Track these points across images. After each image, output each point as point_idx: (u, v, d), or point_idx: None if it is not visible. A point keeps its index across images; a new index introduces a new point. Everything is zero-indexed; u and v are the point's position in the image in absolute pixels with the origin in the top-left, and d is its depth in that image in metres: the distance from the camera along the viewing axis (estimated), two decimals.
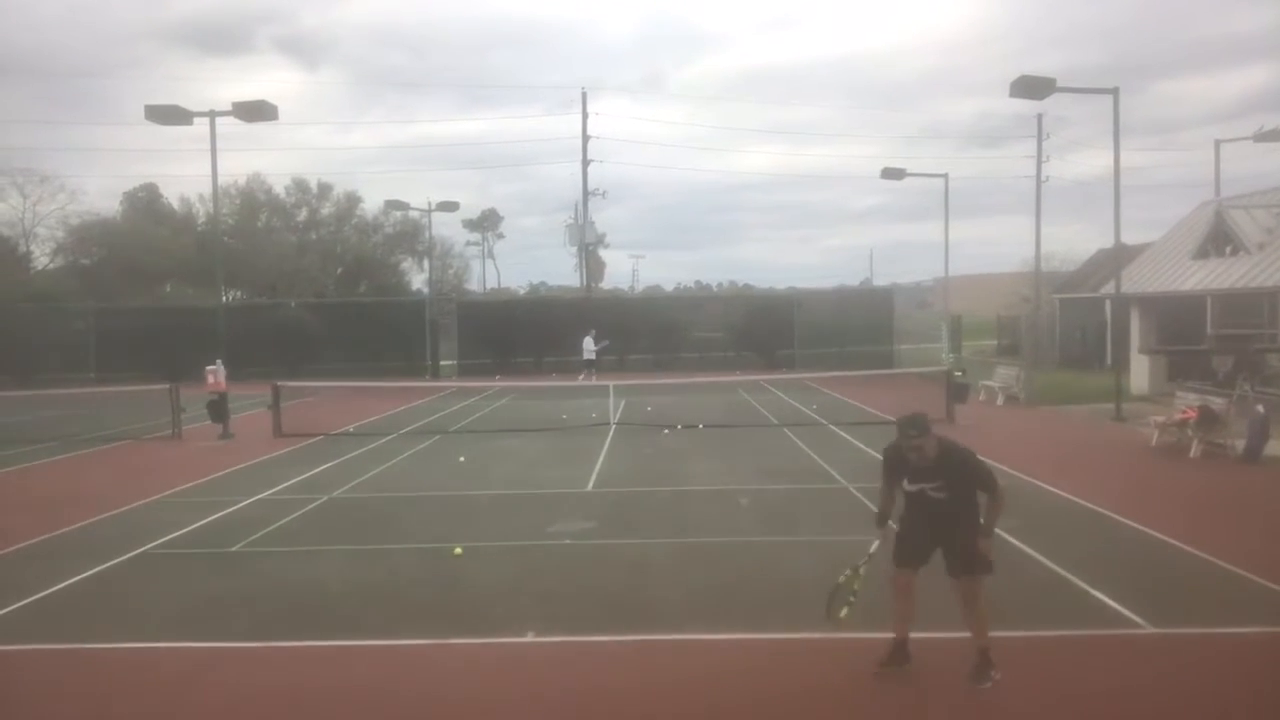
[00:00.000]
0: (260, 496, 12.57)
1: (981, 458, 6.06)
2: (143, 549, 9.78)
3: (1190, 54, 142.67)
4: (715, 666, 6.39)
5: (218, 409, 18.88)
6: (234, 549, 9.81)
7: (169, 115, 20.08)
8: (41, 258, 51.85)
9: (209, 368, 19.05)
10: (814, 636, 6.86)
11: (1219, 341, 23.78)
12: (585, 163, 46.80)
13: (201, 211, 53.15)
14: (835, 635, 6.84)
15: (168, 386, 19.80)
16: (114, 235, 49.05)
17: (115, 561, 9.30)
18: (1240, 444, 14.32)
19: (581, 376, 30.45)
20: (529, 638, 7.01)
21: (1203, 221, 25.71)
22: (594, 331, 32.91)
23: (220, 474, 14.51)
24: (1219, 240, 24.37)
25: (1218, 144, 34.44)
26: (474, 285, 78.82)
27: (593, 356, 32.39)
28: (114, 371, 32.83)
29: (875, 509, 6.41)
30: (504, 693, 5.98)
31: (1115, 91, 19.49)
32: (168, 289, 51.17)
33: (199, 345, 26.98)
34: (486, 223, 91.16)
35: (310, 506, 11.92)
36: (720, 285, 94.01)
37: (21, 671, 6.64)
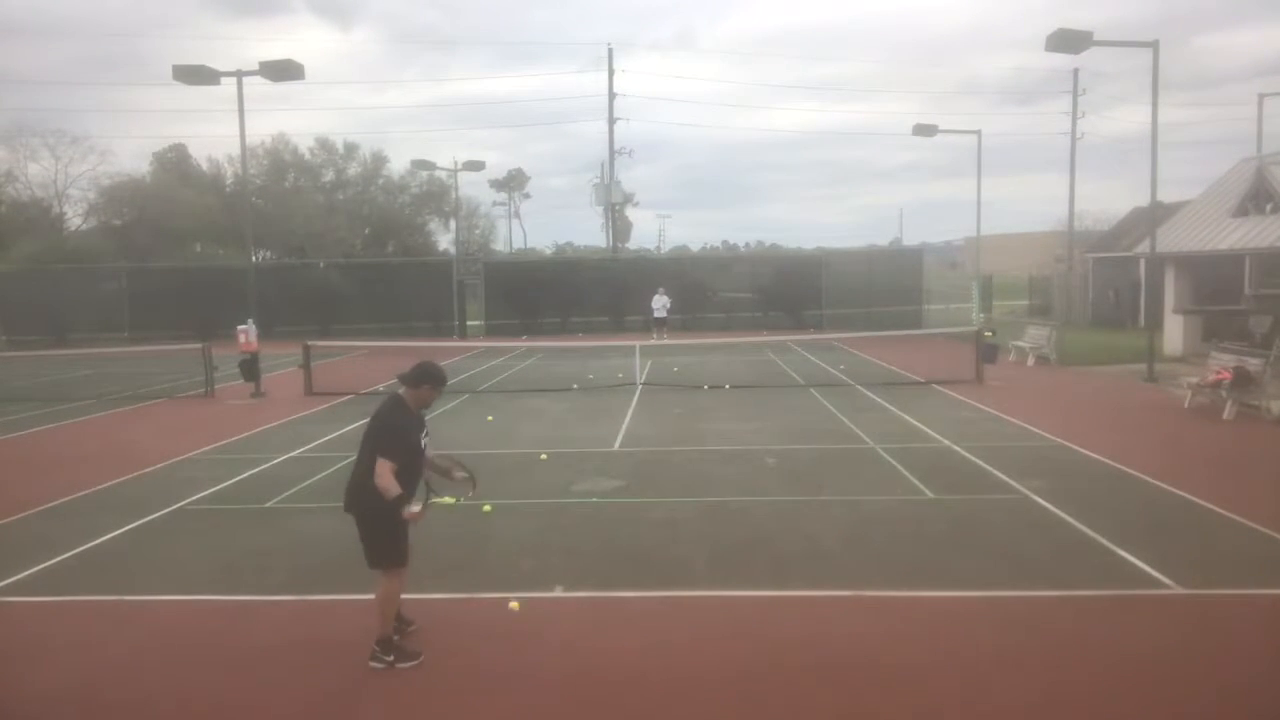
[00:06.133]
0: (292, 454, 12.76)
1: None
2: (179, 505, 9.98)
3: (1234, 6, 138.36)
4: (739, 622, 6.46)
5: (249, 368, 19.11)
6: (268, 505, 10.00)
7: (196, 75, 20.05)
8: (74, 219, 52.46)
9: (240, 327, 19.25)
10: (839, 594, 6.92)
11: (1257, 301, 23.32)
12: (611, 120, 46.47)
13: (229, 172, 53.46)
14: (860, 593, 6.89)
15: (200, 346, 20.09)
16: (144, 196, 49.43)
17: (153, 517, 9.51)
18: (1276, 405, 14.10)
19: (655, 335, 30.13)
20: (557, 593, 7.11)
21: (1243, 178, 25.08)
22: (661, 289, 32.86)
23: (253, 432, 14.73)
24: (1259, 198, 23.78)
25: (1261, 98, 33.61)
26: (500, 245, 78.93)
27: (664, 314, 32.29)
28: (147, 331, 33.34)
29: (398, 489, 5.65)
30: (531, 646, 6.08)
31: (1155, 45, 18.96)
32: (198, 249, 51.61)
33: (230, 305, 27.31)
34: (513, 182, 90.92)
35: (341, 464, 12.03)
36: (747, 245, 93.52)
37: (63, 622, 6.83)
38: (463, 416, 16.13)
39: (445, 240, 60.11)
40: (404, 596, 7.08)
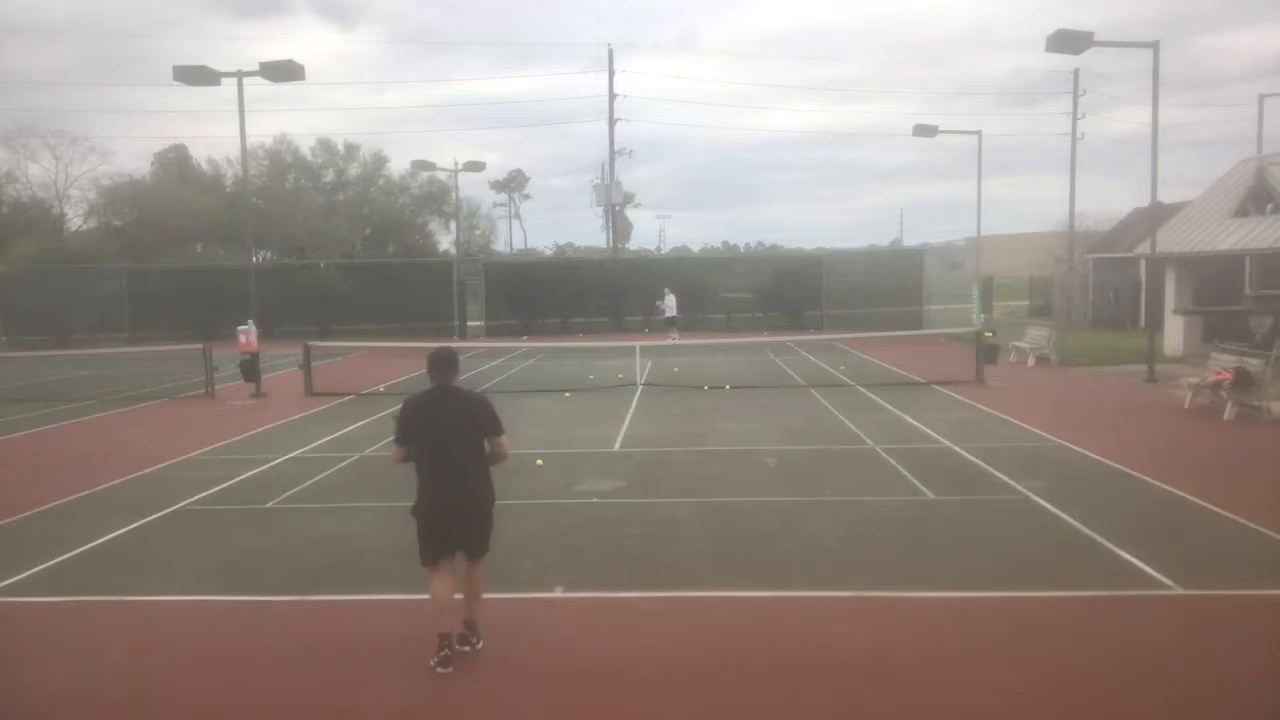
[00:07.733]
0: (293, 454, 12.76)
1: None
2: (179, 505, 9.98)
3: (1234, 6, 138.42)
4: (740, 622, 6.45)
5: (250, 368, 19.11)
6: (268, 505, 9.99)
7: (196, 76, 20.06)
8: (75, 219, 52.47)
9: (240, 328, 19.25)
10: (839, 594, 6.91)
11: (1257, 302, 23.32)
12: (611, 121, 46.49)
13: (230, 173, 53.47)
14: (860, 593, 6.89)
15: (200, 346, 20.09)
16: (145, 196, 49.44)
17: (153, 517, 9.51)
18: (1276, 406, 14.10)
19: (672, 336, 30.07)
20: (557, 593, 7.11)
21: (1243, 179, 25.09)
22: (668, 289, 32.80)
23: (253, 432, 14.73)
24: (1259, 198, 23.80)
25: (1261, 99, 33.64)
26: (500, 246, 78.92)
27: (674, 314, 32.26)
28: (147, 331, 33.41)
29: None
30: (531, 647, 6.08)
31: (1155, 45, 18.97)
32: (199, 249, 51.62)
33: (230, 305, 27.32)
34: (513, 183, 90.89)
35: (342, 464, 12.08)
36: (748, 245, 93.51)
37: (63, 622, 6.83)
38: None
39: (446, 241, 60.19)
40: (403, 596, 7.09)
